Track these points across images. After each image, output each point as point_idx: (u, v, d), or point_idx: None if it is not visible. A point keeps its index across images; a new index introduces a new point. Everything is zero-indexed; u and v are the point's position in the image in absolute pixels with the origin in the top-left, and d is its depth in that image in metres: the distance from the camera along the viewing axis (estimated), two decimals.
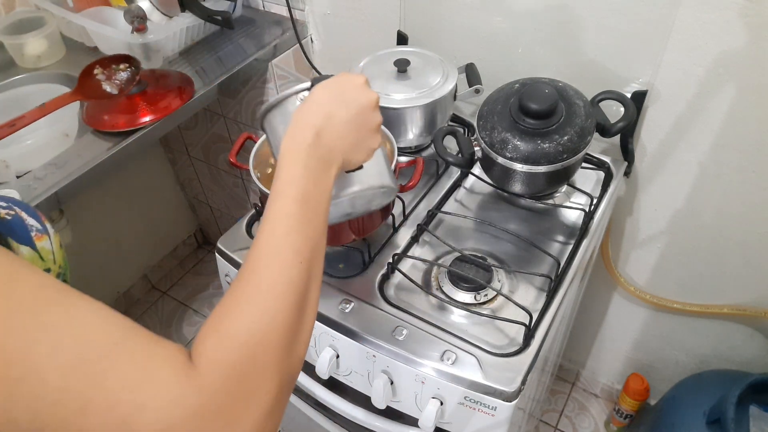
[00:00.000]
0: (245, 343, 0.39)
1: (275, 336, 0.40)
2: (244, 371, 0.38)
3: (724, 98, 0.93)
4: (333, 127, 0.53)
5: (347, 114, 0.54)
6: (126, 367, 0.34)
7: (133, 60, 1.05)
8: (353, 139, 0.55)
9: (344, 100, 0.54)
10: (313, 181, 0.49)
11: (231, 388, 0.37)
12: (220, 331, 0.39)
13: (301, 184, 0.48)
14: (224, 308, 0.41)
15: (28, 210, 0.55)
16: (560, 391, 1.68)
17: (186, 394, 0.35)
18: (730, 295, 1.17)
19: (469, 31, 1.12)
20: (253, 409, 0.38)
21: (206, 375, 0.36)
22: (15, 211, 0.52)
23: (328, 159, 0.52)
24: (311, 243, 0.46)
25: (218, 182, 1.83)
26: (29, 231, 0.52)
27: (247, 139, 0.92)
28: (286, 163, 0.49)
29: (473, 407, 0.76)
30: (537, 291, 0.86)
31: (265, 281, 0.42)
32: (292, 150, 0.50)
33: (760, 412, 1.04)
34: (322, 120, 0.52)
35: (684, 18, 0.89)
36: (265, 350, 0.39)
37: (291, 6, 1.27)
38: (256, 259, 0.44)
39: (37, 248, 0.52)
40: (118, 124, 1.04)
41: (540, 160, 0.88)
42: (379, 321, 0.82)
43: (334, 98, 0.54)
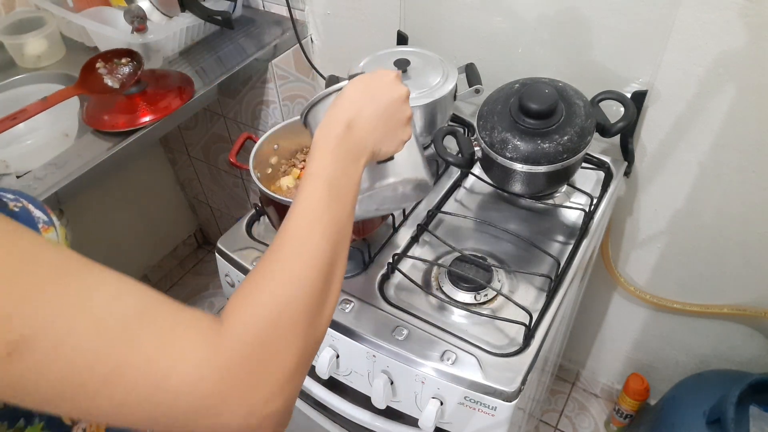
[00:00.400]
0: (270, 309, 0.41)
1: (300, 304, 0.43)
2: (268, 336, 0.40)
3: (724, 98, 0.93)
4: (363, 120, 0.56)
5: (376, 108, 0.57)
6: (156, 331, 0.36)
7: (135, 54, 1.05)
8: (383, 131, 0.58)
9: (374, 95, 0.57)
10: (341, 169, 0.52)
11: (256, 351, 0.39)
12: (249, 297, 0.42)
13: (329, 172, 0.51)
14: (253, 277, 0.44)
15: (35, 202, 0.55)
16: (560, 391, 1.68)
17: (212, 356, 0.37)
18: (730, 295, 1.17)
19: (469, 31, 1.12)
20: (275, 372, 0.40)
21: (233, 337, 0.39)
22: (22, 203, 0.52)
23: (357, 150, 0.55)
24: (338, 225, 0.49)
25: (218, 182, 1.83)
26: (36, 223, 0.52)
27: (247, 139, 0.92)
28: (317, 153, 0.53)
29: (473, 407, 0.76)
30: (537, 291, 0.86)
31: (294, 254, 0.45)
32: (323, 141, 0.53)
33: (760, 412, 1.04)
34: (352, 114, 0.55)
35: (684, 18, 0.89)
36: (290, 316, 0.42)
37: (291, 6, 1.27)
38: (285, 235, 0.47)
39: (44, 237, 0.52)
40: (118, 124, 1.04)
41: (540, 160, 0.88)
42: (379, 321, 0.82)
43: (365, 93, 0.57)
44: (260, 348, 0.40)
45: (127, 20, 1.16)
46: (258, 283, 0.43)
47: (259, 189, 0.84)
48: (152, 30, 1.18)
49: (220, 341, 0.38)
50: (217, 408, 0.37)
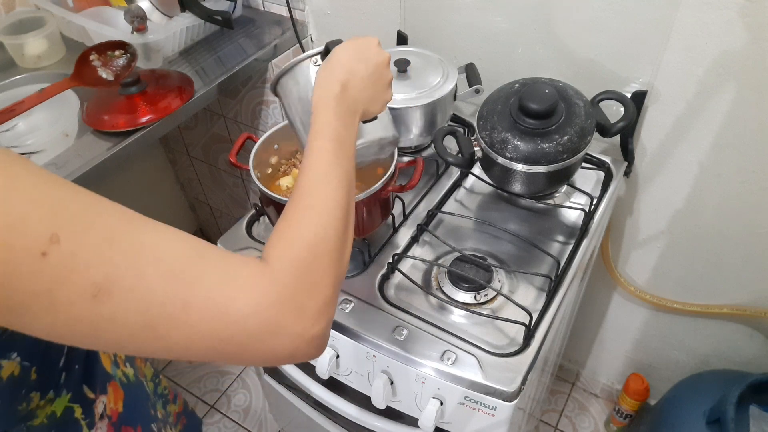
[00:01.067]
0: (310, 245, 0.47)
1: (331, 241, 0.49)
2: (310, 267, 0.46)
3: (724, 98, 0.93)
4: (355, 81, 0.61)
5: (366, 70, 0.62)
6: (214, 269, 0.41)
7: (127, 46, 1.05)
8: (372, 91, 0.63)
9: (363, 59, 0.62)
10: (343, 124, 0.57)
11: (300, 280, 0.45)
12: (286, 237, 0.47)
13: (333, 127, 0.56)
14: (286, 222, 0.49)
15: None
16: (560, 391, 1.68)
17: (265, 286, 0.43)
18: (730, 295, 1.17)
19: (469, 31, 1.12)
20: (317, 297, 0.45)
21: (280, 270, 0.44)
22: None
23: (353, 107, 0.60)
24: (348, 174, 0.55)
25: (218, 182, 1.83)
26: None
27: (247, 139, 0.92)
28: (320, 111, 0.58)
29: (473, 407, 0.76)
30: (537, 291, 0.86)
31: (318, 200, 0.50)
32: (323, 99, 0.58)
33: (760, 412, 1.04)
34: (346, 75, 0.60)
35: (684, 18, 0.89)
36: (324, 250, 0.48)
37: (291, 6, 1.27)
38: (306, 185, 0.52)
39: None
40: (118, 124, 1.04)
41: (540, 160, 0.88)
42: (379, 321, 0.82)
43: (354, 57, 0.62)
44: (305, 276, 0.45)
45: (127, 20, 1.16)
46: (293, 225, 0.49)
47: (259, 189, 0.84)
48: (152, 30, 1.18)
49: (270, 273, 0.43)
50: (273, 332, 0.42)
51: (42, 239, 0.34)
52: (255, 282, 0.42)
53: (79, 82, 1.01)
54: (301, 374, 0.95)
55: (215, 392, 1.75)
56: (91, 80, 1.02)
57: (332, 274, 0.48)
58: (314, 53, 0.68)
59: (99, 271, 0.36)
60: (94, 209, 0.38)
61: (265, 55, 1.28)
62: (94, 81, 1.02)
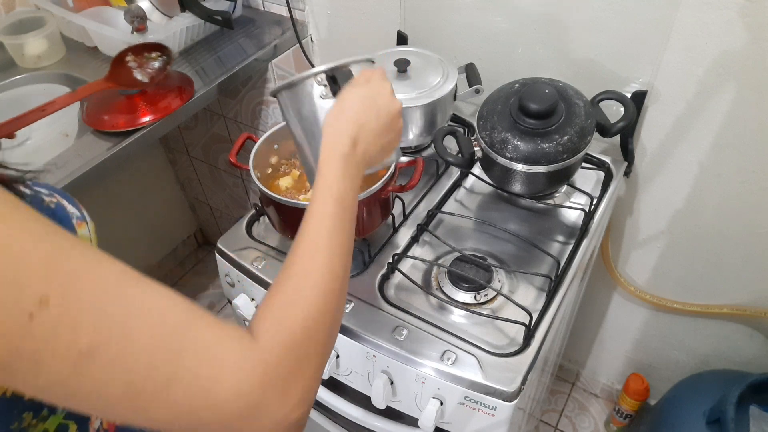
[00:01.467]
0: (302, 323, 0.45)
1: (325, 320, 0.47)
2: (300, 349, 0.44)
3: (724, 98, 0.93)
4: (366, 135, 0.58)
5: (378, 123, 0.60)
6: (201, 344, 0.40)
7: (165, 49, 1.03)
8: (382, 144, 0.61)
9: (375, 109, 0.60)
10: (349, 184, 0.56)
11: (288, 363, 0.43)
12: (278, 314, 0.45)
13: (339, 188, 0.54)
14: (280, 293, 0.47)
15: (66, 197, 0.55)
16: (560, 391, 1.68)
17: (252, 367, 0.41)
18: (730, 295, 1.17)
19: (469, 31, 1.12)
20: (303, 382, 0.44)
21: (268, 350, 0.43)
22: (57, 199, 0.52)
23: (360, 163, 0.58)
24: (348, 239, 0.53)
25: (218, 182, 1.83)
26: (71, 219, 0.52)
27: (247, 139, 0.92)
28: (327, 167, 0.55)
29: (473, 407, 0.76)
30: (537, 291, 0.86)
31: (315, 273, 0.49)
32: (332, 156, 0.56)
33: (760, 412, 1.04)
34: (356, 129, 0.58)
35: (684, 18, 0.89)
36: (318, 329, 0.46)
37: (291, 6, 1.27)
38: (304, 254, 0.50)
39: (78, 235, 0.52)
40: (118, 124, 1.04)
41: (540, 160, 0.88)
42: (379, 321, 0.82)
43: (367, 107, 0.59)
44: (292, 359, 0.44)
45: (127, 20, 1.16)
46: (287, 298, 0.47)
47: (259, 189, 0.84)
48: (152, 30, 1.18)
49: (258, 353, 0.42)
50: (254, 416, 0.41)
51: (31, 301, 0.33)
52: (241, 361, 0.41)
53: (114, 83, 0.99)
54: None
55: None
56: (126, 82, 1.00)
57: (321, 359, 0.47)
58: (318, 72, 0.65)
59: (84, 338, 0.35)
60: (86, 268, 0.37)
61: (265, 55, 1.28)
62: (129, 82, 1.00)
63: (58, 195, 0.53)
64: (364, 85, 0.61)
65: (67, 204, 0.53)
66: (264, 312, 0.46)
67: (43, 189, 0.52)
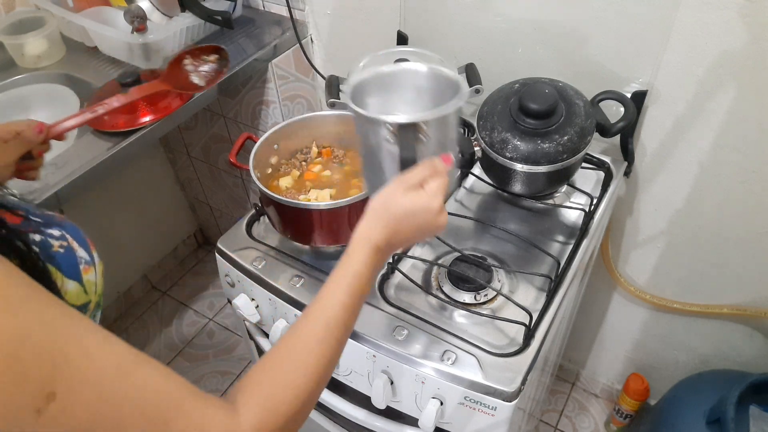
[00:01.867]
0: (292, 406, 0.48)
1: (312, 404, 0.51)
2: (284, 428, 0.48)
3: (724, 98, 0.93)
4: (400, 240, 0.59)
5: (414, 234, 0.60)
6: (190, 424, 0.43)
7: (222, 51, 1.00)
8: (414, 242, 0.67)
9: (417, 225, 0.59)
10: (371, 273, 0.57)
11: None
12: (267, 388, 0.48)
13: (361, 281, 0.56)
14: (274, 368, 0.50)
15: (78, 235, 0.55)
16: (560, 391, 1.68)
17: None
18: (730, 295, 1.17)
19: (469, 31, 1.12)
20: None
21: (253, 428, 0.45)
22: (67, 242, 0.53)
23: (387, 255, 0.60)
24: (350, 330, 0.56)
25: (218, 182, 1.83)
26: (78, 264, 0.53)
27: (247, 139, 0.93)
28: (355, 252, 0.57)
29: (473, 407, 0.76)
30: (537, 291, 0.86)
31: (311, 366, 0.51)
32: (364, 244, 0.57)
33: (760, 412, 1.04)
34: (392, 233, 0.58)
35: (684, 18, 0.89)
36: (305, 411, 0.50)
37: (291, 6, 1.27)
38: (307, 340, 0.52)
39: (83, 282, 0.53)
40: (118, 124, 1.04)
41: (540, 160, 0.88)
42: (379, 321, 0.82)
43: (409, 221, 0.59)
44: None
45: (127, 20, 1.16)
46: (279, 378, 0.49)
47: (259, 189, 0.84)
48: (152, 30, 1.18)
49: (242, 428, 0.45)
50: None
51: (41, 397, 0.35)
52: None
53: (170, 84, 0.96)
54: None
55: (216, 392, 1.74)
56: (182, 84, 0.97)
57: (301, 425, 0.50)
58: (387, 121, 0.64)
59: (85, 423, 0.38)
60: (92, 357, 0.39)
61: (265, 55, 1.28)
62: (185, 85, 0.97)
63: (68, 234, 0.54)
64: (415, 192, 0.59)
65: (77, 246, 0.54)
66: (252, 387, 0.48)
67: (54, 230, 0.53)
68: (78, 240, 0.55)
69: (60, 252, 0.52)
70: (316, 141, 0.98)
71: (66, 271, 0.51)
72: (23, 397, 0.35)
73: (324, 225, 0.84)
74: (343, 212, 0.82)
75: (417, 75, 0.74)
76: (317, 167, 0.95)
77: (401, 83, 0.75)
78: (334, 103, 1.05)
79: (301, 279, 0.89)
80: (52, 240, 0.52)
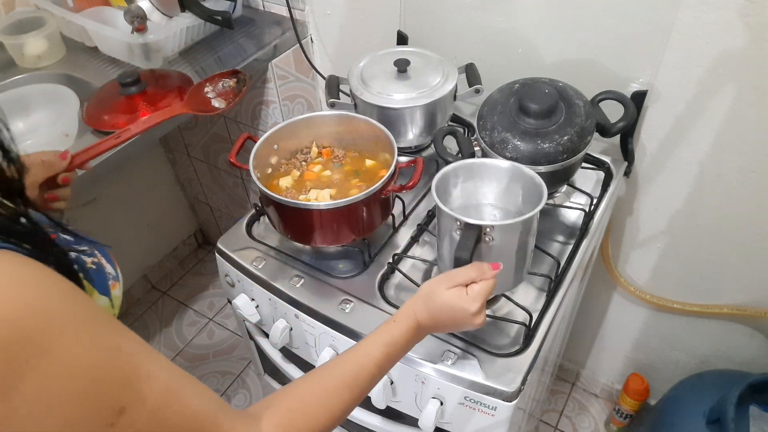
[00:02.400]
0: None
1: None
2: None
3: (724, 98, 0.93)
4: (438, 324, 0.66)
5: (450, 325, 0.67)
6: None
7: (239, 73, 1.02)
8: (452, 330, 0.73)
9: (454, 319, 0.65)
10: (407, 347, 0.65)
11: None
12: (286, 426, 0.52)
13: (396, 347, 0.63)
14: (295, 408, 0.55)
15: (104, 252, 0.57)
16: (560, 391, 1.68)
17: None
18: (730, 295, 1.17)
19: (469, 31, 1.12)
20: None
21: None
22: (97, 258, 0.55)
23: (425, 335, 0.68)
24: (374, 386, 0.63)
25: (218, 182, 1.83)
26: (107, 279, 0.55)
27: (247, 139, 0.92)
28: (402, 320, 0.65)
29: (473, 407, 0.76)
30: (537, 291, 0.86)
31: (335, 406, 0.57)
32: (411, 316, 0.65)
33: (760, 412, 1.04)
34: (432, 319, 0.65)
35: (684, 18, 0.89)
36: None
37: (291, 6, 1.27)
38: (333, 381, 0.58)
39: (112, 297, 0.54)
40: (118, 124, 1.04)
41: (540, 160, 0.88)
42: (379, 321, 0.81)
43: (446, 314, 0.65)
44: None
45: (127, 20, 1.16)
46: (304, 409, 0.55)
47: (259, 189, 0.84)
48: (152, 30, 1.18)
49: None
50: None
51: (112, 413, 0.40)
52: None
53: (191, 108, 0.98)
54: (301, 374, 0.95)
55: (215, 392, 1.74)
56: (204, 108, 0.99)
57: None
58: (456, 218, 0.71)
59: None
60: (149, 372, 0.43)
61: (265, 55, 1.28)
62: (206, 109, 0.99)
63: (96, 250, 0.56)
64: (457, 291, 0.65)
65: (105, 262, 0.56)
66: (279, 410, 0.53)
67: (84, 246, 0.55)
68: (105, 257, 0.56)
69: (93, 269, 0.53)
70: (316, 141, 0.98)
71: (99, 287, 0.53)
72: (97, 415, 0.39)
73: (324, 225, 0.84)
74: (343, 212, 0.82)
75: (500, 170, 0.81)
76: (317, 167, 0.95)
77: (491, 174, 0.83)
78: (334, 103, 1.06)
79: (301, 279, 0.89)
80: (85, 257, 0.53)
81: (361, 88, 1.02)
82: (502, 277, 0.75)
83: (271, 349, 0.97)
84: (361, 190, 0.82)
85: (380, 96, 1.00)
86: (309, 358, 0.92)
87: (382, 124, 0.90)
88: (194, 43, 1.28)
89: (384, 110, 0.99)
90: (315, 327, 0.85)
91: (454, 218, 0.71)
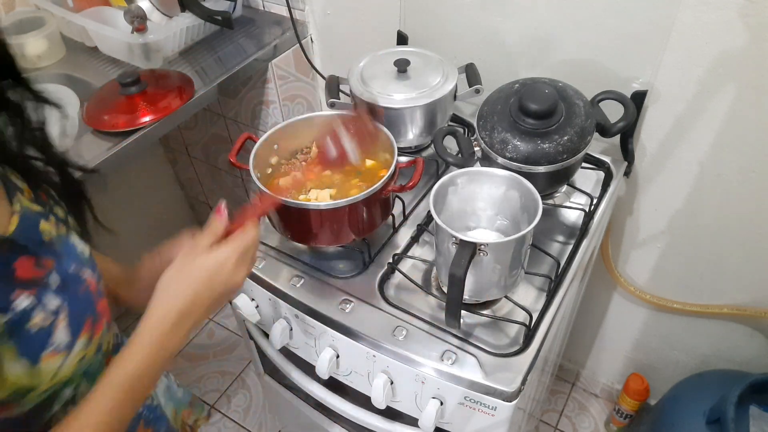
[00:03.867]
0: None
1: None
2: None
3: (724, 98, 0.93)
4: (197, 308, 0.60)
5: (211, 296, 0.61)
6: None
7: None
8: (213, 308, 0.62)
9: (212, 285, 0.60)
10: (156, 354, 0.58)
11: None
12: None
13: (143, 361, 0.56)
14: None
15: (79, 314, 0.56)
16: (560, 391, 1.68)
17: None
18: (730, 295, 1.17)
19: (469, 31, 1.12)
20: None
21: None
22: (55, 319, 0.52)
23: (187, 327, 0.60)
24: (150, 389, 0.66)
25: (218, 182, 1.83)
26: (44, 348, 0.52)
27: (247, 139, 0.92)
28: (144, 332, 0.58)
29: (473, 407, 0.76)
30: (537, 291, 0.86)
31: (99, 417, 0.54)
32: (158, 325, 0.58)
33: (760, 412, 1.04)
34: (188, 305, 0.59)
35: (684, 18, 0.89)
36: None
37: (291, 6, 1.27)
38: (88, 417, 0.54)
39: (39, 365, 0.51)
40: (118, 124, 1.04)
41: (540, 160, 0.88)
42: (379, 321, 0.82)
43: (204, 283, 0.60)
44: None
45: (127, 20, 1.16)
46: None
47: (259, 189, 0.84)
48: (152, 30, 1.19)
49: None
50: None
51: None
52: None
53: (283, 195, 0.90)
54: (301, 374, 0.95)
55: (215, 392, 1.75)
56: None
57: None
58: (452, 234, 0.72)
59: None
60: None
61: (265, 55, 1.28)
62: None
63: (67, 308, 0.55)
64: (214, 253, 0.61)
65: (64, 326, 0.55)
66: None
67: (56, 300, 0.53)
68: (73, 320, 0.54)
69: (31, 331, 0.50)
70: (316, 141, 0.98)
71: (22, 349, 0.50)
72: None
73: (324, 225, 0.84)
74: (343, 212, 0.82)
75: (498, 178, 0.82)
76: (317, 167, 0.95)
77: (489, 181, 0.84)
78: (334, 103, 1.06)
79: (301, 279, 0.89)
80: (38, 311, 0.51)
81: (361, 88, 1.02)
82: (497, 281, 0.77)
83: (271, 349, 0.98)
84: (362, 190, 0.82)
85: (380, 96, 1.00)
86: (309, 358, 0.92)
87: (382, 124, 0.90)
88: (194, 43, 1.28)
89: (384, 110, 0.99)
90: (315, 327, 0.85)
91: (450, 234, 0.72)
